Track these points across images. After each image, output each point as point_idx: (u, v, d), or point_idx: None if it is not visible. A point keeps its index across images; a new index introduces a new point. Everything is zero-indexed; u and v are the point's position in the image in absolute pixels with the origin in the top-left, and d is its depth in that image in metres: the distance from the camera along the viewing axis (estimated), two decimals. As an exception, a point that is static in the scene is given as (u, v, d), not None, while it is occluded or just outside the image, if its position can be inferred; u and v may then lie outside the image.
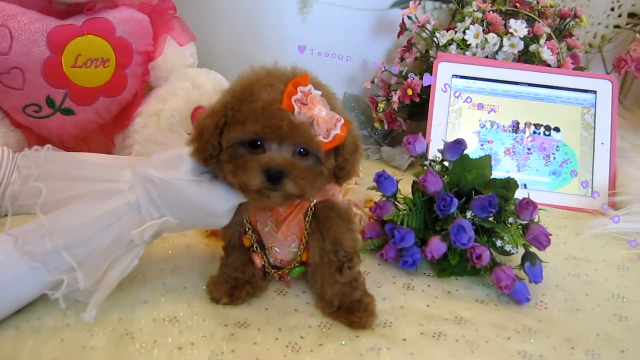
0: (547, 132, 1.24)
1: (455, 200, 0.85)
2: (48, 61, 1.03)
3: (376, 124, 1.43)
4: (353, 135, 0.70)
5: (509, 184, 0.89)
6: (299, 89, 0.64)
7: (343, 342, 0.70)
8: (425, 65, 1.38)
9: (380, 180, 0.91)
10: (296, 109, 0.63)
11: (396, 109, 1.34)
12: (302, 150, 0.66)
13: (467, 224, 0.83)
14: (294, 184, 0.64)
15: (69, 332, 0.68)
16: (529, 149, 1.23)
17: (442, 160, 0.92)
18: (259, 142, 0.65)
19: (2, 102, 1.06)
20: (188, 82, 1.15)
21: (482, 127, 1.25)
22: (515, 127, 1.25)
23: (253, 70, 0.69)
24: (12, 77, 1.02)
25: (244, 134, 0.65)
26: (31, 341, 0.66)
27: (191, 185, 0.70)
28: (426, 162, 0.92)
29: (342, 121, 0.66)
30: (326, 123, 0.64)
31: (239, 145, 0.66)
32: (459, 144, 0.89)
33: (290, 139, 0.64)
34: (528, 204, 0.84)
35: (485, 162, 0.91)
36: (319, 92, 0.66)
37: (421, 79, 1.32)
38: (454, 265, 0.86)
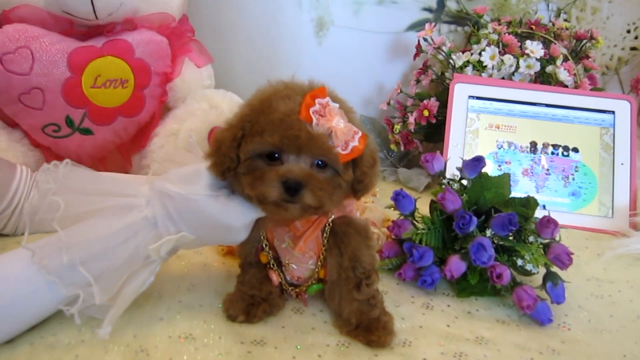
0: (565, 153, 1.23)
1: (475, 219, 0.84)
2: (68, 82, 1.04)
3: (392, 146, 1.42)
4: (371, 149, 0.69)
5: (529, 203, 0.87)
6: (316, 100, 0.64)
7: (362, 361, 0.69)
8: (442, 87, 1.38)
9: (398, 198, 0.90)
10: (314, 120, 0.63)
11: (412, 130, 1.34)
12: (320, 162, 0.65)
13: (487, 242, 0.81)
14: (312, 195, 0.64)
15: (84, 348, 0.68)
16: (547, 170, 1.22)
17: (461, 178, 0.91)
18: (276, 155, 0.65)
19: (22, 122, 1.07)
20: (205, 102, 1.16)
21: (499, 148, 1.24)
22: (534, 148, 1.24)
23: (270, 84, 0.70)
24: (33, 97, 1.04)
25: (262, 146, 0.65)
26: (46, 357, 0.66)
27: (209, 200, 0.70)
28: (444, 181, 0.91)
29: (360, 134, 0.65)
30: (344, 135, 0.64)
31: (257, 157, 0.66)
32: (478, 162, 0.88)
33: (308, 150, 0.64)
34: (549, 222, 0.83)
35: (504, 180, 0.90)
36: (337, 105, 0.66)
37: (437, 100, 1.32)
38: (474, 285, 0.85)
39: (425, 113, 1.30)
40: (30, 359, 0.65)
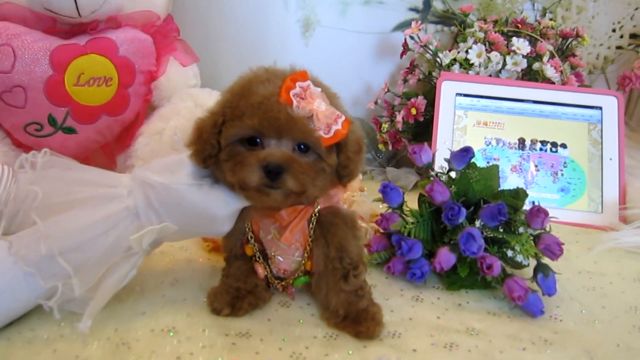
0: (553, 149, 1.22)
1: (464, 210, 0.83)
2: (50, 80, 1.03)
3: (380, 146, 1.41)
4: (356, 135, 0.68)
5: (518, 194, 0.86)
6: (297, 84, 0.63)
7: (350, 352, 0.67)
8: (429, 86, 1.37)
9: (386, 191, 0.89)
10: (294, 103, 0.62)
11: (400, 129, 1.33)
12: (302, 146, 0.64)
13: (476, 232, 0.80)
14: (294, 179, 0.62)
15: (62, 342, 0.66)
16: (536, 166, 1.21)
17: (449, 170, 0.90)
18: (257, 140, 0.64)
19: (4, 121, 1.05)
20: (191, 101, 1.15)
21: (487, 145, 1.24)
22: (522, 144, 1.23)
23: (252, 70, 0.69)
24: (14, 95, 1.02)
25: (242, 130, 0.64)
26: (23, 352, 0.64)
27: (191, 189, 0.68)
28: (432, 173, 0.90)
29: (343, 118, 0.64)
30: (326, 118, 0.63)
31: (238, 143, 0.65)
32: (466, 152, 0.87)
33: (288, 133, 0.63)
34: (539, 212, 0.82)
35: (492, 172, 0.89)
36: (319, 89, 0.65)
37: (425, 99, 1.31)
38: (464, 278, 0.83)
39: (413, 111, 1.29)
40: (7, 354, 0.63)
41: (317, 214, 0.72)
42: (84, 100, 1.06)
